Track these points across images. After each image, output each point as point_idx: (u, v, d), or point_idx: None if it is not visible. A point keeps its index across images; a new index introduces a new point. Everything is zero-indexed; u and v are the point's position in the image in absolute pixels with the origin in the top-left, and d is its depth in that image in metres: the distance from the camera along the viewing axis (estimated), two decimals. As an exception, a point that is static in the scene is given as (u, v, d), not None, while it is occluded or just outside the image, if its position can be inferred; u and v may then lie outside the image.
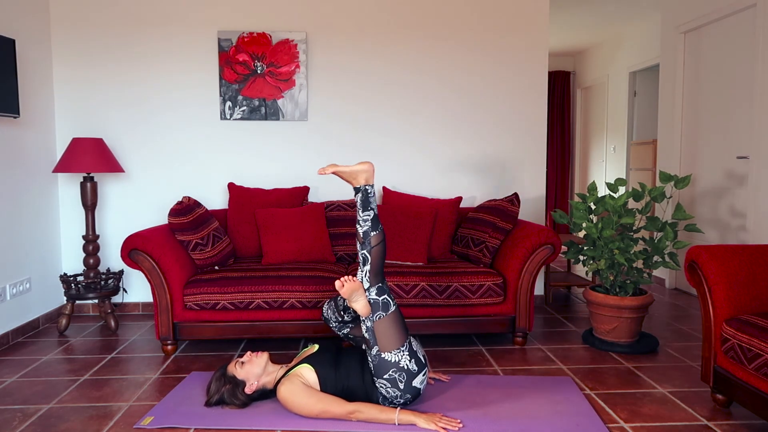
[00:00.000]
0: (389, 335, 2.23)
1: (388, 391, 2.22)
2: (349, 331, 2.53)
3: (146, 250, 2.93)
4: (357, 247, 2.33)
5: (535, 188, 4.12)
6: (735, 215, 3.96)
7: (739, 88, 3.91)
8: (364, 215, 2.33)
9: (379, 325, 2.24)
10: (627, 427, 2.19)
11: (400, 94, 3.99)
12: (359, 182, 2.37)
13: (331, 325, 2.54)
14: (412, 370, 2.23)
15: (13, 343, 3.28)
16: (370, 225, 2.32)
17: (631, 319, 3.06)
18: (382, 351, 2.22)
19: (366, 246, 2.31)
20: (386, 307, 2.26)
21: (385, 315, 2.25)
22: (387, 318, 2.25)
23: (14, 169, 3.38)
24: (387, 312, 2.26)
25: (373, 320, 2.24)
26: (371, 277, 2.30)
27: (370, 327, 2.25)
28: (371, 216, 2.34)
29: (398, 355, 2.22)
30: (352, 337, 2.54)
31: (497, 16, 3.99)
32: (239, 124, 3.93)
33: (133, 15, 3.82)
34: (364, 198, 2.35)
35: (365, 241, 2.32)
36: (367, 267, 2.31)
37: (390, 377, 2.21)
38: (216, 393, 2.32)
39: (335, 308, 2.48)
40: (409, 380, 2.22)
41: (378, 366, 2.22)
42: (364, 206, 2.34)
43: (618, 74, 6.58)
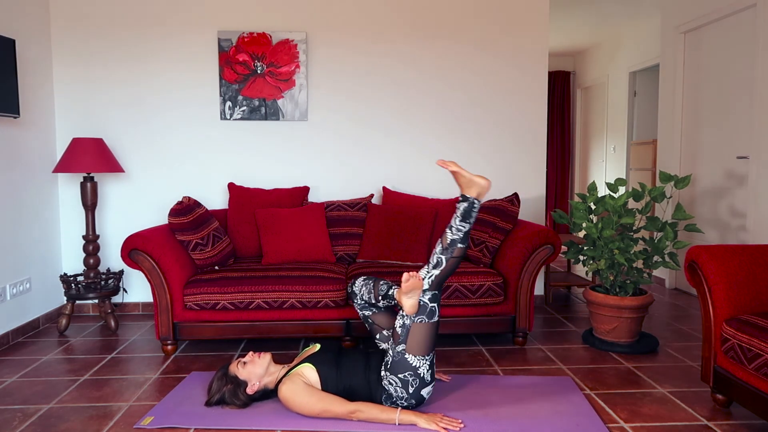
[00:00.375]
0: (421, 341, 2.22)
1: (397, 390, 2.22)
2: (371, 314, 2.52)
3: (146, 250, 2.93)
4: (436, 249, 2.29)
5: (535, 188, 4.12)
6: (735, 215, 3.96)
7: (739, 88, 3.91)
8: (460, 224, 2.29)
9: (417, 327, 2.23)
10: (627, 427, 2.19)
11: (400, 94, 3.99)
12: (471, 193, 2.32)
13: (356, 302, 2.53)
14: (425, 380, 2.24)
15: (13, 343, 3.28)
16: (461, 237, 2.29)
17: (631, 319, 3.07)
18: (407, 351, 2.21)
19: (447, 253, 2.28)
20: (431, 315, 2.25)
21: (426, 321, 2.24)
22: (427, 325, 2.24)
23: (14, 169, 3.38)
24: (430, 320, 2.25)
25: (414, 321, 2.23)
26: (434, 282, 2.27)
27: (407, 325, 2.23)
28: (466, 229, 2.30)
29: (420, 361, 2.22)
30: (371, 322, 2.53)
31: (497, 16, 3.99)
32: (239, 124, 3.93)
33: (133, 15, 3.82)
34: (468, 210, 2.30)
35: (449, 248, 2.28)
36: (436, 271, 2.27)
37: (404, 378, 2.21)
38: (217, 392, 2.32)
39: (372, 291, 2.46)
40: (420, 388, 2.23)
41: (396, 363, 2.22)
42: (464, 217, 2.30)
43: (618, 74, 6.58)
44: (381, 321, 2.51)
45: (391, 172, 4.03)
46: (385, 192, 3.81)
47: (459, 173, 2.32)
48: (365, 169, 4.01)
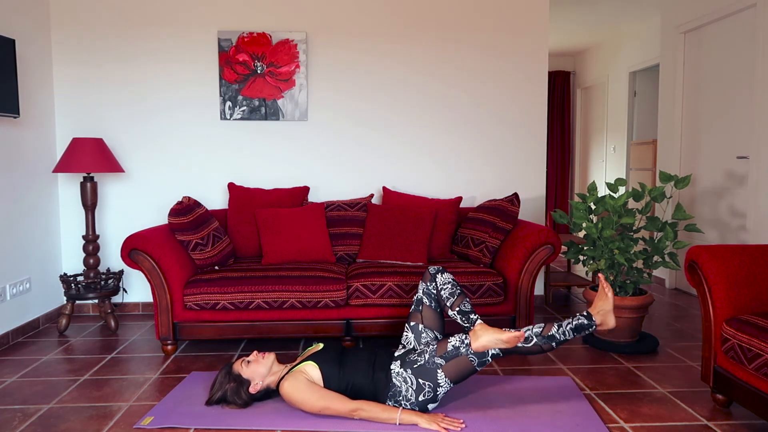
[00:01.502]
0: (458, 372, 2.24)
1: (409, 390, 2.23)
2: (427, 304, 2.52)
3: (146, 250, 2.93)
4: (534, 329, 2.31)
5: (535, 188, 4.12)
6: (735, 215, 3.96)
7: (739, 88, 3.91)
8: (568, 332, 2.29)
9: (465, 361, 2.24)
10: (627, 427, 2.19)
11: (400, 94, 3.99)
12: (596, 318, 2.33)
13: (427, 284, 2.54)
14: (437, 396, 2.25)
15: (13, 343, 3.28)
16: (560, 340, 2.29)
17: (631, 319, 3.07)
18: (442, 368, 2.23)
19: (542, 340, 2.28)
20: (482, 364, 2.26)
21: (475, 363, 2.25)
22: (473, 366, 2.25)
23: (14, 169, 3.38)
24: (478, 366, 2.26)
25: (468, 355, 2.23)
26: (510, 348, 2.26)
27: (461, 352, 2.23)
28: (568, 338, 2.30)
29: (444, 381, 2.23)
30: (419, 309, 2.52)
31: (497, 16, 3.99)
32: (239, 124, 3.93)
33: (134, 15, 3.82)
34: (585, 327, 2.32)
35: (547, 339, 2.28)
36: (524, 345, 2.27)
37: (421, 384, 2.22)
38: (219, 390, 2.32)
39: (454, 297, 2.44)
40: (429, 401, 2.25)
41: (426, 369, 2.23)
42: (576, 330, 2.31)
43: (618, 74, 6.58)
44: (428, 316, 2.51)
45: (391, 172, 4.03)
46: (385, 192, 3.81)
47: (608, 300, 2.34)
48: (365, 169, 4.01)
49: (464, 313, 2.39)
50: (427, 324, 2.49)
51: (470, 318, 2.37)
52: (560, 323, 2.31)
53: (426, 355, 2.26)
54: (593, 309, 2.36)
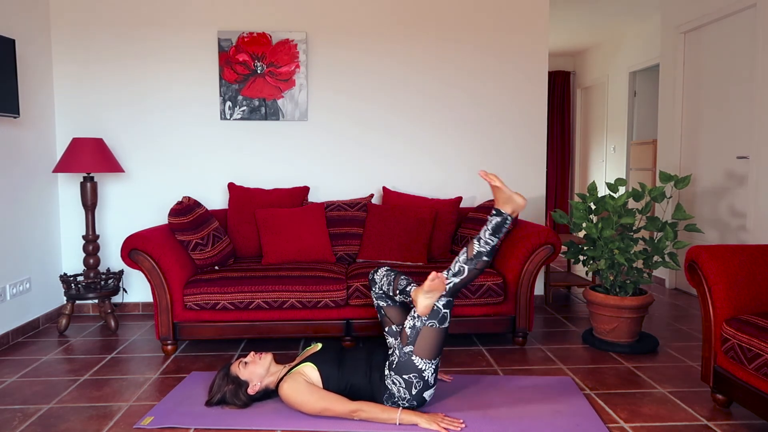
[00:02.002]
0: (429, 345, 2.23)
1: (400, 390, 2.22)
2: (385, 306, 2.54)
3: (146, 250, 2.93)
4: (459, 257, 2.29)
5: (535, 188, 4.12)
6: (735, 215, 3.96)
7: (739, 88, 3.91)
8: (489, 238, 2.28)
9: (427, 331, 2.23)
10: (627, 427, 2.19)
11: (400, 94, 3.99)
12: (506, 209, 2.31)
13: (373, 290, 2.56)
14: (429, 383, 2.24)
15: (13, 343, 3.28)
16: (488, 250, 2.28)
17: (631, 319, 3.07)
18: (414, 353, 2.22)
19: (471, 263, 2.27)
20: (443, 321, 2.25)
21: (438, 326, 2.24)
22: (437, 330, 2.24)
23: (14, 169, 3.38)
24: (441, 325, 2.25)
25: (425, 324, 2.23)
26: (452, 288, 2.27)
27: (418, 327, 2.23)
28: (494, 243, 2.29)
29: (426, 364, 2.22)
30: (383, 314, 2.54)
31: (497, 16, 3.99)
32: (239, 124, 3.93)
33: (134, 15, 3.82)
34: (500, 224, 2.29)
35: (474, 259, 2.27)
36: (456, 279, 2.27)
37: (408, 379, 2.21)
38: (218, 392, 2.32)
39: (392, 282, 2.47)
40: (423, 390, 2.24)
41: (402, 364, 2.22)
42: (494, 231, 2.29)
43: (618, 74, 6.58)
44: (393, 315, 2.53)
45: (391, 172, 4.03)
46: (385, 192, 3.81)
47: (500, 189, 2.31)
48: (365, 169, 4.01)
49: (403, 291, 2.42)
50: (397, 322, 2.51)
51: (407, 291, 2.39)
52: (478, 237, 2.29)
53: (396, 351, 2.26)
54: (498, 205, 2.32)
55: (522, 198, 2.31)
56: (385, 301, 2.55)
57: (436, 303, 2.24)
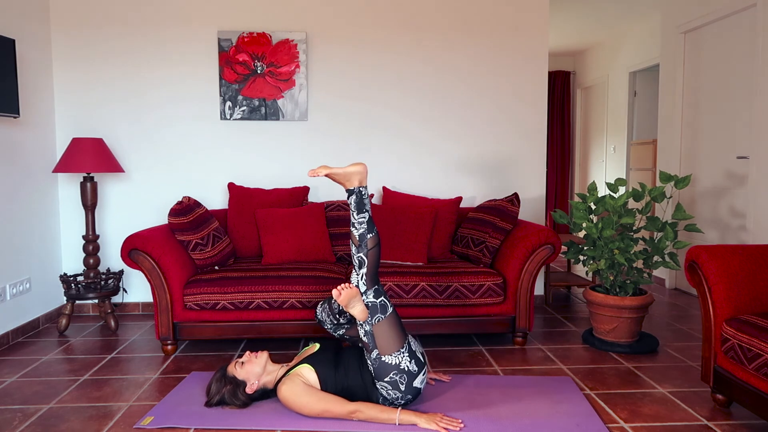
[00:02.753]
0: (388, 338, 2.22)
1: (390, 393, 2.22)
2: (344, 332, 2.52)
3: (146, 250, 2.93)
4: (352, 250, 2.30)
5: (535, 188, 4.12)
6: (735, 215, 3.96)
7: (739, 88, 3.91)
8: (359, 218, 2.30)
9: (378, 328, 2.22)
10: (627, 427, 2.19)
11: (400, 94, 3.99)
12: (353, 184, 2.32)
13: (326, 327, 2.53)
14: (412, 371, 2.22)
15: (13, 343, 3.28)
16: (366, 228, 2.29)
17: (631, 319, 3.06)
18: (382, 354, 2.21)
19: (362, 249, 2.28)
20: (384, 309, 2.25)
21: (383, 317, 2.24)
22: (385, 320, 2.24)
23: (14, 169, 3.38)
24: (385, 314, 2.25)
25: (372, 323, 2.23)
26: (368, 280, 2.28)
27: (369, 331, 2.23)
28: (366, 218, 2.30)
29: (398, 357, 2.21)
30: (348, 338, 2.53)
31: (497, 17, 3.99)
32: (239, 124, 3.93)
33: (134, 15, 3.82)
34: (359, 200, 2.30)
35: (361, 244, 2.28)
36: (363, 270, 2.28)
37: (391, 380, 2.21)
38: (216, 394, 2.32)
39: (330, 311, 2.46)
40: (410, 381, 2.22)
41: (378, 369, 2.21)
42: (358, 209, 2.30)
43: (618, 74, 6.58)
44: (356, 333, 2.50)
45: (391, 172, 4.03)
46: (385, 192, 3.81)
47: (333, 173, 2.31)
48: (365, 169, 4.01)
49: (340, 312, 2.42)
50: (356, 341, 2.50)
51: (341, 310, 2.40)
52: (351, 223, 2.31)
53: (369, 361, 2.25)
54: (345, 186, 2.33)
55: (359, 164, 2.32)
56: (341, 329, 2.51)
57: (366, 300, 2.25)
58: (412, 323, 3.10)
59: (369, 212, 2.32)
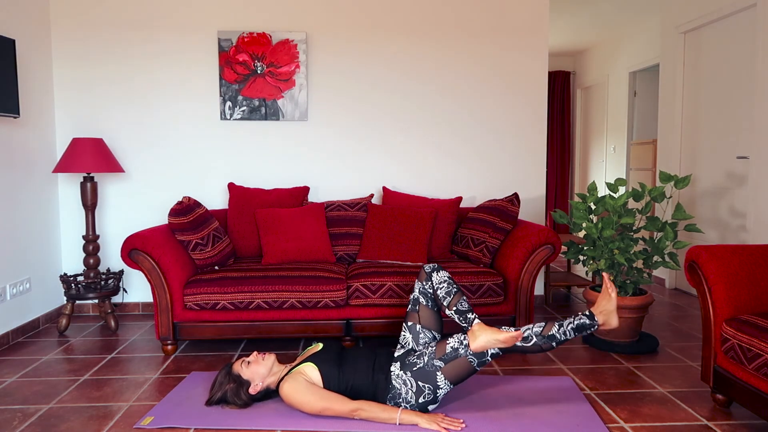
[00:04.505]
0: (458, 373, 2.24)
1: (408, 392, 2.22)
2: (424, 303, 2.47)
3: (146, 250, 2.93)
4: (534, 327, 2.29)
5: (535, 188, 4.12)
6: (735, 215, 3.96)
7: (739, 88, 3.91)
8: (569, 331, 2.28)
9: (464, 362, 2.23)
10: (627, 427, 2.19)
11: (400, 94, 3.99)
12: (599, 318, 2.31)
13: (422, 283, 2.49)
14: (437, 397, 2.25)
15: (13, 343, 3.28)
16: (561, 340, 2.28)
17: (631, 319, 3.06)
18: (441, 371, 2.23)
19: (541, 339, 2.26)
20: (482, 363, 2.25)
21: (475, 363, 2.24)
22: (472, 366, 2.24)
23: (14, 169, 3.38)
24: (477, 365, 2.25)
25: (467, 356, 2.23)
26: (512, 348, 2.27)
27: (460, 354, 2.23)
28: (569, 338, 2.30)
29: (445, 384, 2.23)
30: (416, 309, 2.46)
31: (497, 17, 3.99)
32: (239, 124, 3.93)
33: (134, 15, 3.82)
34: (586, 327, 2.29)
35: (546, 338, 2.27)
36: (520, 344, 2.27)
37: (421, 387, 2.22)
38: (219, 391, 2.32)
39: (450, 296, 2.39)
40: (428, 402, 2.24)
41: (425, 371, 2.22)
42: (578, 329, 2.29)
43: (618, 74, 6.58)
44: (425, 316, 2.46)
45: (391, 172, 4.03)
46: (385, 192, 3.81)
47: (610, 299, 2.31)
48: (365, 169, 4.01)
49: (461, 312, 2.34)
50: (424, 324, 2.44)
51: (468, 317, 2.32)
52: (561, 322, 2.29)
53: (425, 357, 2.25)
54: (596, 309, 2.32)
55: (617, 322, 2.32)
56: (426, 300, 2.48)
57: (493, 351, 2.25)
58: (412, 323, 3.09)
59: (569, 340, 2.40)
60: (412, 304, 2.51)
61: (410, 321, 2.47)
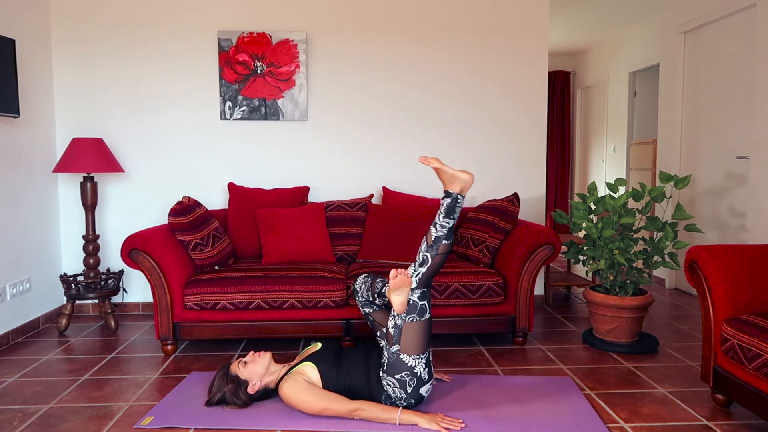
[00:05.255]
0: (414, 340, 2.23)
1: (395, 391, 2.22)
2: (371, 312, 2.52)
3: (146, 250, 2.93)
4: (421, 246, 2.30)
5: (535, 188, 4.12)
6: (735, 215, 3.96)
7: (739, 88, 3.91)
8: (444, 221, 2.29)
9: (409, 327, 2.23)
10: (627, 427, 2.19)
11: (399, 94, 3.99)
12: (454, 189, 2.31)
13: (357, 299, 2.54)
14: (422, 378, 2.24)
15: (13, 343, 3.28)
16: (446, 233, 2.29)
17: (631, 319, 3.07)
18: (401, 352, 2.22)
19: (432, 250, 2.28)
20: (422, 313, 2.26)
21: (418, 320, 2.24)
22: (419, 323, 2.24)
23: (14, 169, 3.38)
24: (421, 318, 2.25)
25: (405, 320, 2.24)
26: (422, 279, 2.28)
27: (399, 325, 2.24)
28: (450, 225, 2.30)
29: (415, 360, 2.22)
30: (372, 320, 2.52)
31: (497, 17, 3.99)
32: (239, 124, 3.93)
33: (134, 15, 3.82)
34: (452, 206, 2.30)
35: (434, 245, 2.28)
36: (422, 269, 2.28)
37: (401, 378, 2.21)
38: (218, 392, 2.32)
39: (370, 288, 2.46)
40: (418, 386, 2.23)
41: (392, 364, 2.22)
42: (447, 213, 2.30)
43: (618, 74, 6.58)
44: (381, 319, 2.51)
45: (391, 172, 4.03)
46: (385, 192, 3.81)
47: (441, 170, 2.32)
48: (365, 169, 4.01)
49: (380, 294, 2.42)
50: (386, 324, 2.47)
51: (383, 292, 2.39)
52: (434, 222, 2.30)
53: (385, 352, 2.26)
54: (445, 186, 2.34)
55: (467, 174, 2.31)
56: (369, 308, 2.52)
57: (411, 297, 2.25)
58: (412, 323, 3.09)
59: (455, 221, 2.32)
60: (366, 319, 2.56)
61: (376, 331, 2.50)
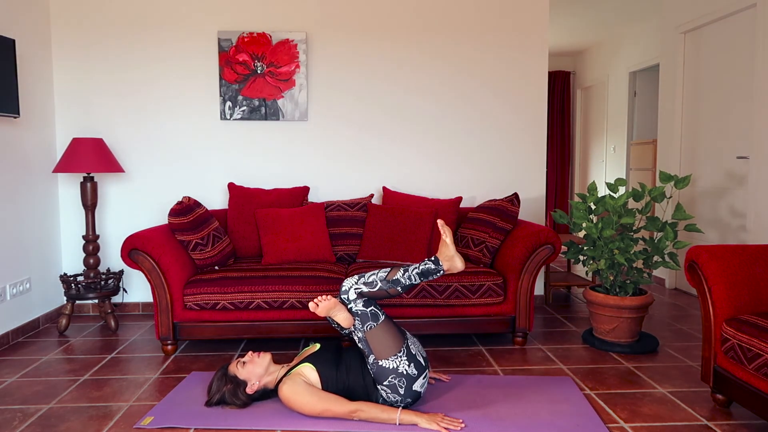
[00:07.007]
0: (383, 343, 2.23)
1: (389, 396, 2.23)
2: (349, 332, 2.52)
3: (146, 250, 2.93)
4: (380, 271, 2.32)
5: (535, 188, 4.12)
6: (735, 215, 3.96)
7: (739, 88, 3.91)
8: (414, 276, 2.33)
9: (371, 334, 2.24)
10: (627, 427, 2.19)
11: (399, 94, 3.99)
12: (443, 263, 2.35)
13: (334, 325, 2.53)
14: (411, 375, 2.23)
15: (13, 343, 3.28)
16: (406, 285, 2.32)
17: (631, 319, 3.07)
18: (378, 359, 2.22)
19: (386, 284, 2.30)
20: (375, 317, 2.26)
21: (375, 324, 2.25)
22: (378, 327, 2.25)
23: (14, 169, 3.38)
24: (377, 321, 2.26)
25: (364, 330, 2.25)
26: (360, 293, 2.28)
27: (362, 338, 2.25)
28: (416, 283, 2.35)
29: (396, 361, 2.22)
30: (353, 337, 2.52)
31: (497, 16, 3.99)
32: (239, 124, 3.93)
33: (134, 15, 3.82)
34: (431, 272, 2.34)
35: (390, 284, 2.30)
36: (365, 288, 2.29)
37: (390, 383, 2.21)
38: (217, 393, 2.32)
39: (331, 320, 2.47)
40: (410, 384, 2.23)
41: (377, 373, 2.23)
42: (423, 274, 2.34)
43: (618, 74, 6.58)
44: None
45: (391, 172, 4.03)
46: (385, 192, 3.81)
47: (447, 246, 2.36)
48: (365, 169, 4.01)
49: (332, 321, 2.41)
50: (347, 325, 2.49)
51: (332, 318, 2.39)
52: (407, 267, 2.33)
53: (368, 366, 2.27)
54: (440, 255, 2.37)
55: (462, 263, 2.37)
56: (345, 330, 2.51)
57: (353, 308, 2.26)
58: (412, 323, 3.10)
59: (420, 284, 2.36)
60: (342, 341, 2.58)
61: None
